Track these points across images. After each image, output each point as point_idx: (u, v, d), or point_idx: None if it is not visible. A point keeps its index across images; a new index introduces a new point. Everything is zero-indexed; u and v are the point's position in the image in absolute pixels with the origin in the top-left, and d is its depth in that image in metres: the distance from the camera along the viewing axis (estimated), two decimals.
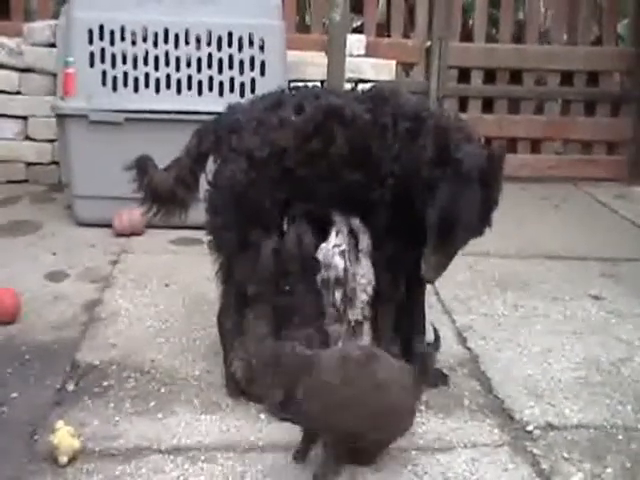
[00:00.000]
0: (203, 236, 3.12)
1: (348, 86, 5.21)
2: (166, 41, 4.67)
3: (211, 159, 3.05)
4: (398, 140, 2.86)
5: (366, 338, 3.01)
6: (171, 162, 3.08)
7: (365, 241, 2.95)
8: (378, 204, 2.89)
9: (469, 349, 3.46)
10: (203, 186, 3.08)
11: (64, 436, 2.58)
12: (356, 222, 2.95)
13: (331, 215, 2.95)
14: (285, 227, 2.99)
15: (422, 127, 2.85)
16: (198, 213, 3.10)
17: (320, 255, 2.94)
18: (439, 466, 2.66)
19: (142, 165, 3.07)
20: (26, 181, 5.57)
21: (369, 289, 2.97)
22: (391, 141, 2.86)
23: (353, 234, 2.94)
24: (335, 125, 2.90)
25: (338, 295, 2.91)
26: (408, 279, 3.02)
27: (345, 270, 2.90)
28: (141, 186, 3.08)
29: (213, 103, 4.44)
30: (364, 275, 2.95)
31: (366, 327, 3.01)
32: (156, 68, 4.68)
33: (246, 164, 2.93)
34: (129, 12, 4.64)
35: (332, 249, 2.92)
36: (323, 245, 2.94)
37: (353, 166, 2.89)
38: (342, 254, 2.91)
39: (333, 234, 2.94)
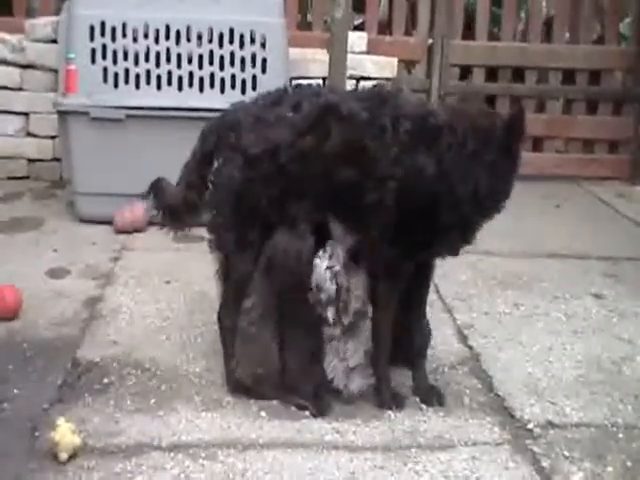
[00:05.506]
0: (204, 233, 3.12)
1: (350, 83, 5.23)
2: (167, 38, 4.66)
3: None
4: (399, 143, 2.78)
5: (362, 336, 3.00)
6: (180, 170, 3.10)
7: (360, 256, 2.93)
8: (377, 208, 2.81)
9: (470, 347, 3.46)
10: None
11: (65, 433, 2.58)
12: (351, 239, 2.91)
13: (329, 225, 2.91)
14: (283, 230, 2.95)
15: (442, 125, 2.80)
16: None
17: (312, 277, 2.89)
18: (440, 464, 2.66)
19: (156, 187, 3.15)
20: (27, 177, 5.56)
21: (363, 296, 2.95)
22: (390, 143, 2.79)
23: (348, 252, 2.90)
24: (331, 122, 2.86)
25: (330, 312, 2.90)
26: (410, 282, 2.96)
27: (337, 291, 2.87)
28: (158, 206, 3.17)
29: (214, 100, 4.44)
30: (358, 287, 2.93)
31: (363, 326, 3.00)
32: (157, 65, 4.67)
33: (242, 162, 2.91)
34: (130, 9, 4.64)
35: (324, 272, 2.87)
36: (317, 262, 2.89)
37: (348, 165, 2.83)
38: (334, 276, 2.86)
39: (327, 255, 2.89)
